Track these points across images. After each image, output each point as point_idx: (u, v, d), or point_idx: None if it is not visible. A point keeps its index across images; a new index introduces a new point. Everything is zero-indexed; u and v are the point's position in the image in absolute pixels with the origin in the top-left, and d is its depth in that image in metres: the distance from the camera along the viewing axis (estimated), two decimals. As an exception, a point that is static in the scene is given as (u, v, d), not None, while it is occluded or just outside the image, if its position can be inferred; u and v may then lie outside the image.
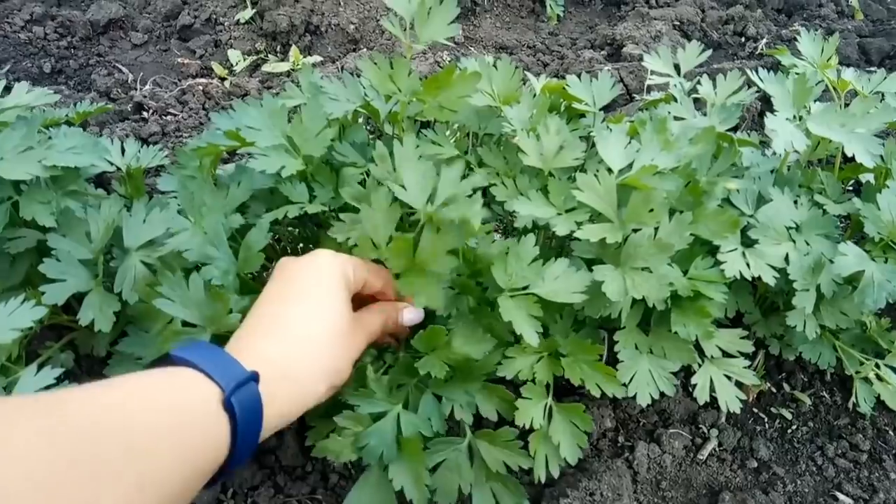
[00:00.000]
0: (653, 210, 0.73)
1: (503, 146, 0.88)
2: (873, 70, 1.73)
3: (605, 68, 1.53)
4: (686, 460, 0.94)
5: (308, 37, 1.87)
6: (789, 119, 0.83)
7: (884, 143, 0.83)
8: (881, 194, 0.84)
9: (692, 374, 0.89)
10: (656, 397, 0.81)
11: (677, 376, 0.84)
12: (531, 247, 0.75)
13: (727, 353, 0.88)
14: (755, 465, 0.94)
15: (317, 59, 1.80)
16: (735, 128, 0.93)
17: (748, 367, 0.89)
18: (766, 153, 1.00)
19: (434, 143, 0.84)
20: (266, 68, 1.76)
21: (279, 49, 1.87)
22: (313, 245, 0.88)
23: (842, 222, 1.03)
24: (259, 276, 0.86)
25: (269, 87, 1.69)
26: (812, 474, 0.94)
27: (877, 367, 0.94)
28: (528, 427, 0.75)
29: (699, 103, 1.02)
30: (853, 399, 0.96)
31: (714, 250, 0.82)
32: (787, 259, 0.84)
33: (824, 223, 0.87)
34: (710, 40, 1.90)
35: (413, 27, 0.82)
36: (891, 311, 0.97)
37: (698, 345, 0.85)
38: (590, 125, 0.92)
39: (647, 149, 0.77)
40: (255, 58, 1.82)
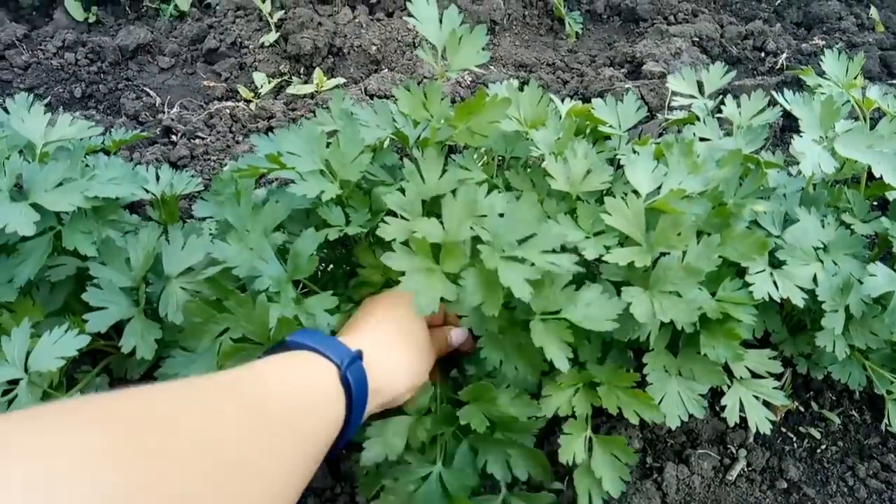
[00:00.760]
0: (681, 234, 0.74)
1: (530, 170, 0.89)
2: (895, 83, 1.72)
3: (627, 86, 1.54)
4: (715, 481, 0.94)
5: (331, 58, 1.91)
6: (816, 140, 0.83)
7: (911, 163, 0.83)
8: (910, 213, 0.84)
9: (719, 393, 0.89)
10: (685, 419, 0.81)
11: (704, 396, 0.85)
12: (564, 270, 0.76)
13: (756, 374, 0.88)
14: (785, 485, 0.94)
15: (340, 80, 1.83)
16: (759, 148, 0.94)
17: (777, 388, 0.89)
18: (791, 172, 1.00)
19: (462, 168, 0.86)
20: (290, 90, 1.80)
21: (303, 71, 1.91)
22: (347, 265, 0.90)
23: (868, 241, 1.02)
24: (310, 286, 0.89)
25: (294, 109, 1.72)
26: (843, 495, 0.93)
27: (908, 387, 0.93)
28: (570, 463, 0.76)
29: (723, 122, 1.02)
30: (886, 420, 0.95)
31: (742, 272, 0.82)
32: (815, 280, 0.84)
33: (852, 243, 0.87)
34: (729, 56, 1.91)
35: (444, 55, 0.84)
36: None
37: (727, 365, 0.85)
38: (615, 147, 0.93)
39: (675, 172, 0.78)
40: (279, 80, 1.85)
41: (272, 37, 1.94)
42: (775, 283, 0.82)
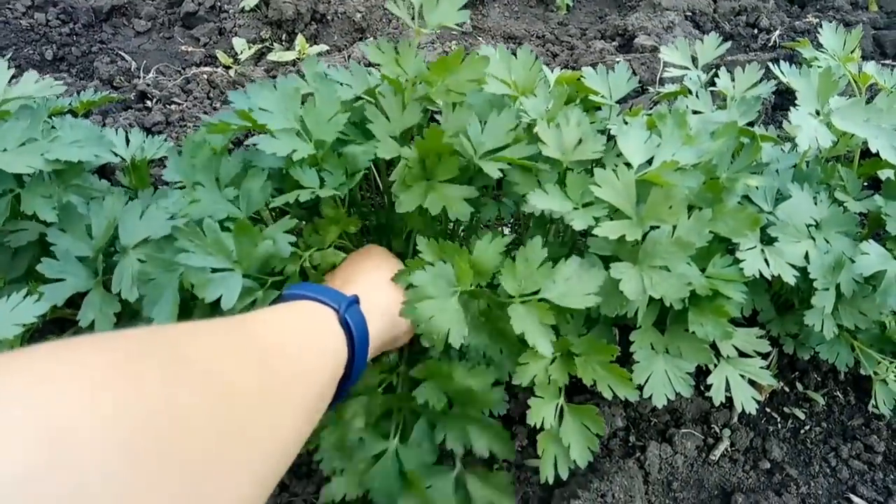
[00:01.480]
0: (672, 207, 0.71)
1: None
2: (888, 63, 1.70)
3: (618, 60, 1.51)
4: (698, 461, 0.93)
5: (314, 25, 1.84)
6: (812, 114, 0.80)
7: (907, 139, 0.81)
8: (904, 191, 0.82)
9: (704, 372, 0.88)
10: (672, 398, 0.79)
11: (691, 375, 0.83)
12: (539, 249, 0.73)
13: (743, 353, 0.86)
14: (768, 466, 0.93)
15: (323, 48, 1.77)
16: (752, 122, 0.91)
17: (763, 367, 0.87)
18: (784, 148, 0.98)
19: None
20: (271, 57, 1.74)
21: (285, 38, 1.85)
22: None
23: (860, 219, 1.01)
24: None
25: (275, 77, 1.66)
26: (826, 476, 0.92)
27: (896, 368, 0.92)
28: (538, 426, 0.73)
29: (715, 96, 1.00)
30: (872, 401, 0.94)
31: (732, 248, 0.80)
32: (806, 257, 0.82)
33: (845, 221, 0.85)
34: (722, 31, 1.87)
35: (421, 12, 0.80)
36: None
37: (714, 344, 0.83)
38: (605, 118, 0.90)
39: (668, 144, 0.75)
40: (260, 46, 1.79)
41: (253, 1, 1.87)
42: (766, 261, 0.80)
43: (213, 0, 1.90)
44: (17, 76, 0.89)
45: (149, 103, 1.52)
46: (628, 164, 0.74)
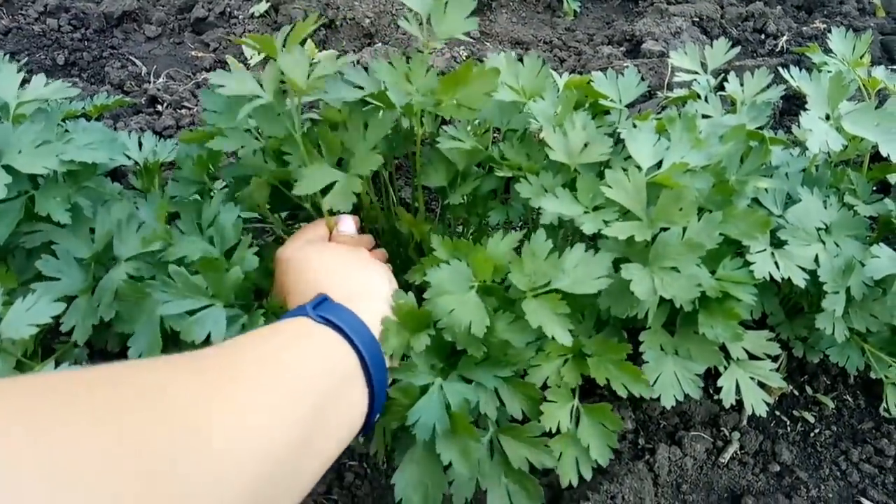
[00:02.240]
0: (682, 209, 0.72)
1: (525, 142, 0.86)
2: (896, 68, 1.70)
3: (626, 65, 1.51)
4: (707, 463, 0.93)
5: (323, 31, 1.86)
6: (822, 118, 0.81)
7: (917, 144, 0.81)
8: (915, 195, 0.82)
9: (713, 375, 0.88)
10: (681, 399, 0.79)
11: (700, 377, 0.83)
12: (543, 242, 0.73)
13: (753, 356, 0.86)
14: (777, 469, 0.93)
15: (332, 53, 1.78)
16: (761, 127, 0.91)
17: (773, 370, 0.87)
18: (793, 152, 0.98)
19: (454, 139, 0.83)
20: (280, 62, 1.75)
21: (293, 43, 1.86)
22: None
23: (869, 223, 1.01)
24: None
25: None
26: (836, 479, 0.92)
27: (907, 371, 0.92)
28: (553, 431, 0.73)
29: (724, 101, 1.00)
30: (883, 404, 0.94)
31: (742, 251, 0.80)
32: (816, 260, 0.82)
33: (854, 224, 0.85)
34: (729, 37, 1.87)
35: (429, 22, 0.80)
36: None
37: (724, 346, 0.84)
38: (615, 122, 0.90)
39: (678, 146, 0.75)
40: (269, 51, 1.81)
41: (263, 7, 1.88)
42: (776, 264, 0.80)
43: (223, 6, 1.92)
44: (29, 81, 0.90)
45: (159, 108, 1.53)
46: (638, 167, 0.74)
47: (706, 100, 0.96)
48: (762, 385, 0.86)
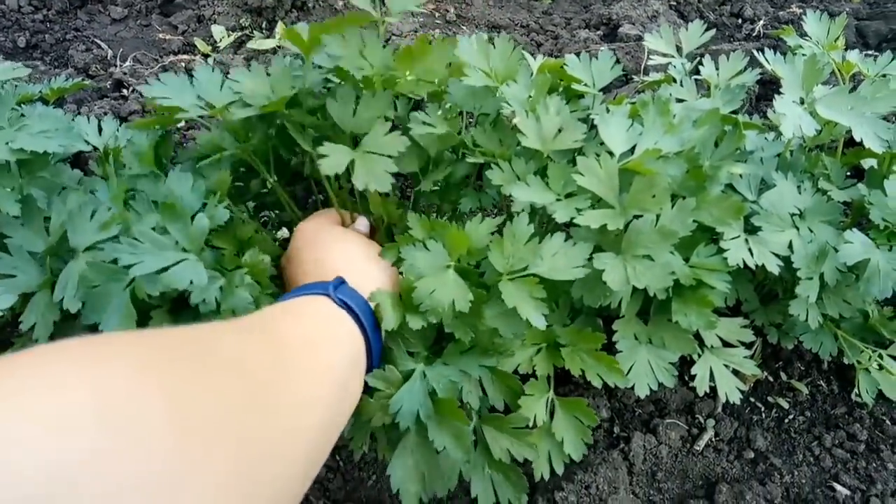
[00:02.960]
0: (655, 196, 0.70)
1: (497, 127, 0.84)
2: (871, 53, 1.70)
3: (602, 49, 1.49)
4: (682, 451, 0.92)
5: (295, 13, 1.81)
6: (796, 102, 0.80)
7: (891, 128, 0.80)
8: (888, 180, 0.82)
9: (688, 362, 0.87)
10: (655, 388, 0.79)
11: (674, 365, 0.82)
12: (525, 225, 0.72)
13: (727, 343, 0.86)
14: (752, 455, 0.93)
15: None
16: (736, 111, 0.90)
17: (747, 357, 0.87)
18: (768, 137, 0.97)
19: (425, 124, 0.80)
20: (251, 45, 1.71)
21: (265, 25, 1.81)
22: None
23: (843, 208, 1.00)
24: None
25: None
26: (809, 465, 0.92)
27: (879, 356, 0.92)
28: (531, 424, 0.72)
29: (699, 85, 0.99)
30: (856, 390, 0.94)
31: (716, 238, 0.79)
32: (790, 246, 0.81)
33: (828, 210, 0.85)
34: (706, 21, 1.86)
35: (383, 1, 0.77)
36: (893, 299, 0.95)
37: (697, 334, 0.83)
38: (588, 107, 0.89)
39: (650, 132, 0.74)
40: (239, 34, 1.76)
41: (232, -12, 1.83)
42: (750, 250, 0.79)
43: (191, -13, 1.87)
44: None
45: (125, 92, 1.48)
46: (610, 153, 0.72)
47: (681, 83, 0.95)
48: (736, 372, 0.86)
